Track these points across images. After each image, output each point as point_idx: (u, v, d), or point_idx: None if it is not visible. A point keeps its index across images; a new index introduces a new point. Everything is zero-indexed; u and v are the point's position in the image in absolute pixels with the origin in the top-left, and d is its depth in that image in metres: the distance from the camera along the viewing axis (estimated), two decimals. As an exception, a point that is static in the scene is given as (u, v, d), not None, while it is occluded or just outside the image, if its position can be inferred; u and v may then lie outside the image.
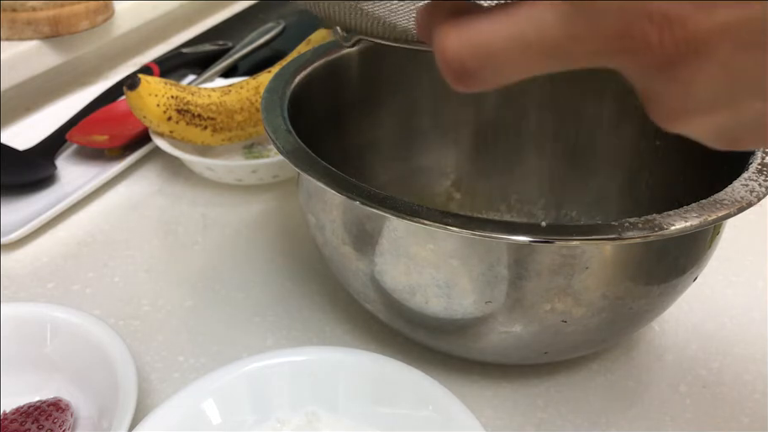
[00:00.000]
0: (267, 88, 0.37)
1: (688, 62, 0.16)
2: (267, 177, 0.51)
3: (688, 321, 0.40)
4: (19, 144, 0.53)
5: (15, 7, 0.61)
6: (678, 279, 0.32)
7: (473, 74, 0.18)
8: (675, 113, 0.18)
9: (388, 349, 0.38)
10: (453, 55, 0.18)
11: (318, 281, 0.43)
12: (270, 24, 0.75)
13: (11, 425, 0.31)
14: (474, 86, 0.19)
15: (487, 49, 0.18)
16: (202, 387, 0.31)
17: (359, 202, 0.28)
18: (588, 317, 0.30)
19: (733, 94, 0.17)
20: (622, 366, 0.37)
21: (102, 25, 0.67)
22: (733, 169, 0.31)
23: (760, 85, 0.17)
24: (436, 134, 0.47)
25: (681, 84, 0.17)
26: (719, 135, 0.19)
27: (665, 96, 0.18)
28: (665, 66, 0.17)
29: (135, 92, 0.49)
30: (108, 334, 0.34)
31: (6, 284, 0.43)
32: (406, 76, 0.45)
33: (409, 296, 0.32)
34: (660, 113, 0.19)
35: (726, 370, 0.37)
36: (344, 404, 0.32)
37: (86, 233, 0.47)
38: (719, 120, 0.18)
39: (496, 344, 0.32)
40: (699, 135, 0.19)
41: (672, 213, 0.27)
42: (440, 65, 0.19)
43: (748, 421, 0.34)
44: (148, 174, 0.54)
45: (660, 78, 0.17)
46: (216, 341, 0.39)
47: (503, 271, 0.29)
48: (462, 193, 0.48)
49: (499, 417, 0.34)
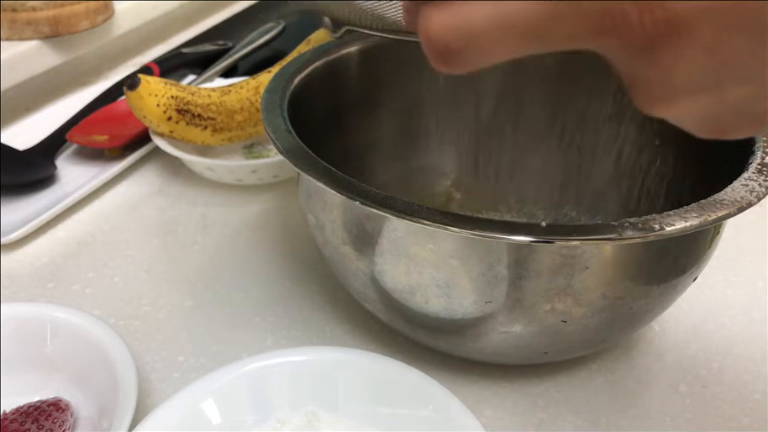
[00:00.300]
0: (267, 88, 0.37)
1: (670, 44, 0.16)
2: (267, 177, 0.51)
3: (688, 321, 0.40)
4: (19, 144, 0.53)
5: (15, 7, 0.61)
6: (678, 279, 0.32)
7: (456, 55, 0.18)
8: (657, 97, 0.18)
9: (388, 349, 0.38)
10: (436, 35, 0.18)
11: (318, 281, 0.43)
12: (270, 24, 0.75)
13: (11, 425, 0.31)
14: (457, 67, 0.19)
15: (470, 30, 0.18)
16: (202, 387, 0.31)
17: (359, 202, 0.28)
18: (588, 317, 0.30)
19: (717, 78, 0.17)
20: (622, 366, 0.37)
21: (102, 25, 0.67)
22: (733, 169, 0.31)
23: (745, 69, 0.17)
24: (436, 133, 0.47)
25: (663, 67, 0.17)
26: (704, 122, 0.19)
27: (646, 79, 0.18)
28: (647, 48, 0.17)
29: (135, 92, 0.49)
30: (108, 334, 0.34)
31: (6, 284, 0.43)
32: (406, 76, 0.45)
33: (409, 296, 0.32)
34: (643, 96, 0.18)
35: (726, 370, 0.37)
36: (344, 404, 0.32)
37: (86, 233, 0.47)
38: (703, 105, 0.18)
39: (496, 344, 0.32)
40: (683, 121, 0.19)
41: (672, 213, 0.27)
42: (424, 46, 0.19)
43: (748, 421, 0.34)
44: (148, 174, 0.54)
45: (641, 60, 0.17)
46: (216, 341, 0.39)
47: (503, 271, 0.29)
48: (462, 193, 0.48)
49: (499, 417, 0.34)
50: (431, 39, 0.18)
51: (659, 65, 0.17)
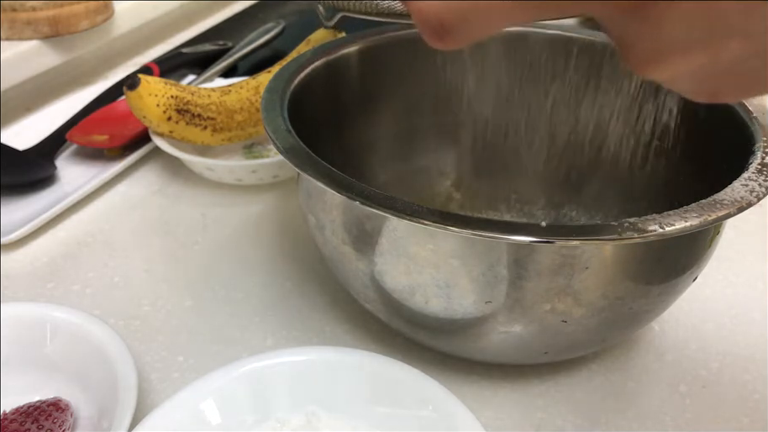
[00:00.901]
0: (267, 88, 0.37)
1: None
2: (267, 177, 0.51)
3: (688, 321, 0.40)
4: (19, 144, 0.53)
5: (15, 7, 0.61)
6: (678, 279, 0.32)
7: (450, 29, 0.18)
8: (649, 56, 0.18)
9: (388, 349, 0.38)
10: (429, 11, 0.18)
11: (318, 281, 0.43)
12: (270, 24, 0.75)
13: (11, 425, 0.31)
14: (452, 42, 0.19)
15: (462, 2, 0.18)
16: (202, 387, 0.31)
17: (359, 202, 0.28)
18: (588, 317, 0.30)
19: (711, 34, 0.17)
20: (622, 366, 0.37)
21: (102, 25, 0.67)
22: (733, 169, 0.31)
23: (740, 23, 0.16)
24: (436, 134, 0.47)
25: (653, 23, 0.17)
26: (698, 83, 0.18)
27: (638, 38, 0.17)
28: (637, 5, 0.16)
29: (135, 92, 0.49)
30: (108, 334, 0.34)
31: (6, 284, 0.43)
32: (405, 77, 0.45)
33: (409, 296, 0.32)
34: (635, 57, 0.18)
35: (726, 370, 0.37)
36: (344, 404, 0.32)
37: (86, 233, 0.47)
38: (696, 64, 0.17)
39: (496, 344, 0.32)
40: (676, 83, 0.19)
41: (672, 213, 0.27)
42: (417, 24, 0.19)
43: (748, 421, 0.34)
44: (148, 174, 0.54)
45: (632, 19, 0.17)
46: (216, 341, 0.39)
47: (503, 271, 0.29)
48: (462, 193, 0.48)
49: (499, 417, 0.34)
50: (424, 17, 0.18)
51: (649, 21, 0.17)
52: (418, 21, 0.18)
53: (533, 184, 0.47)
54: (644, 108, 0.41)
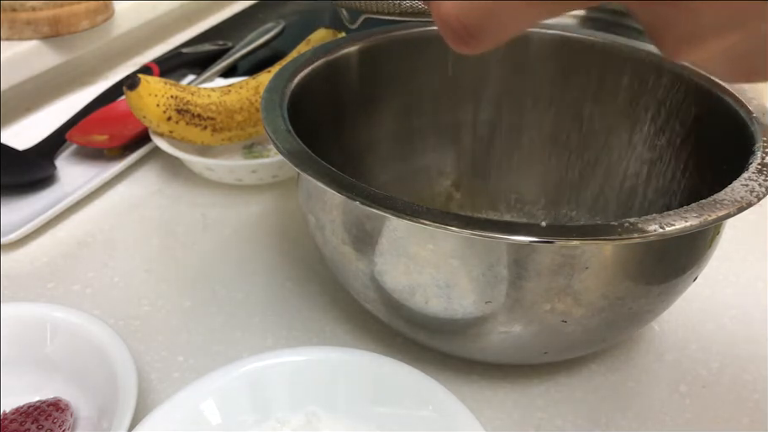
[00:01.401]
0: (267, 88, 0.37)
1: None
2: (267, 177, 0.51)
3: (688, 321, 0.40)
4: (19, 144, 0.53)
5: (15, 7, 0.61)
6: (678, 279, 0.32)
7: (474, 33, 0.18)
8: (683, 40, 0.18)
9: (388, 349, 0.38)
10: (451, 16, 0.18)
11: (318, 281, 0.43)
12: (269, 24, 0.75)
13: (11, 425, 0.31)
14: (477, 46, 0.18)
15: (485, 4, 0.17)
16: (202, 387, 0.31)
17: (359, 202, 0.28)
18: (588, 317, 0.30)
19: (743, 13, 0.17)
20: (622, 366, 0.37)
21: (102, 25, 0.67)
22: (733, 169, 0.31)
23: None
24: (436, 134, 0.47)
25: (686, 6, 0.17)
26: (733, 64, 0.18)
27: (671, 22, 0.17)
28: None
29: (135, 92, 0.49)
30: (108, 334, 0.34)
31: (6, 284, 0.43)
32: (406, 77, 0.45)
33: (409, 296, 0.32)
34: (669, 42, 0.18)
35: (726, 370, 0.37)
36: (344, 404, 0.32)
37: (86, 233, 0.47)
38: (730, 44, 0.17)
39: (496, 344, 0.32)
40: (711, 64, 0.19)
41: (672, 213, 0.27)
42: (441, 29, 0.18)
43: (748, 421, 0.34)
44: (148, 174, 0.54)
45: (664, 4, 0.17)
46: (216, 341, 0.39)
47: (503, 271, 0.29)
48: (462, 193, 0.48)
49: (499, 417, 0.34)
50: (447, 22, 0.18)
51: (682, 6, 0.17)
52: (440, 26, 0.18)
53: (533, 184, 0.47)
54: (645, 107, 0.41)
